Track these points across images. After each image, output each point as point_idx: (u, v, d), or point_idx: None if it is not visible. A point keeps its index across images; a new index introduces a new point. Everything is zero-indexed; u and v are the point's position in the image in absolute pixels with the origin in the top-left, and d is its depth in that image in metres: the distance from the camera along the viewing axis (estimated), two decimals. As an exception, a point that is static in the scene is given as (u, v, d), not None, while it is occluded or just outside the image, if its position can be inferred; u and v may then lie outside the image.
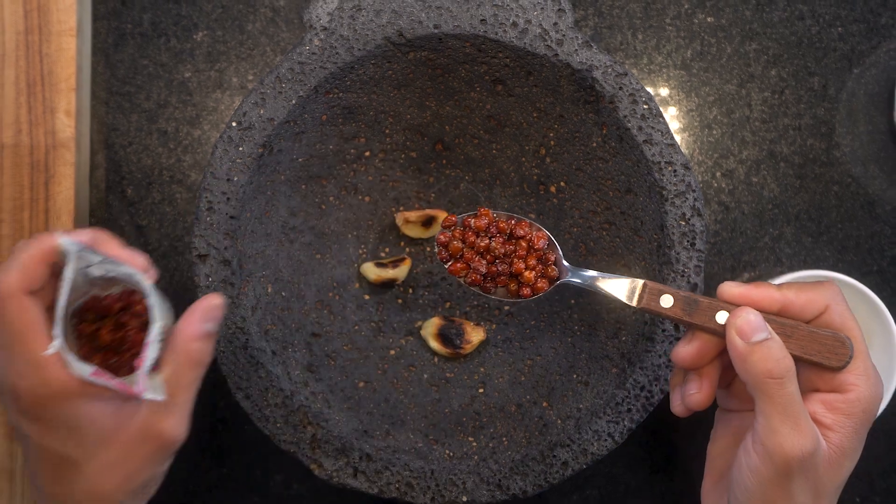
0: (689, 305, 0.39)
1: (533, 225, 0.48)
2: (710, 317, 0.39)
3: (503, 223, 0.48)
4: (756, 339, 0.37)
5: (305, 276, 0.54)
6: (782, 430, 0.36)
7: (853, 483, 0.57)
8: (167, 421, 0.39)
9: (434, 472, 0.48)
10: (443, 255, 0.49)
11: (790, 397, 0.36)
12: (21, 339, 0.36)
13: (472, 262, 0.48)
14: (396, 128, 0.55)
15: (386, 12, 0.49)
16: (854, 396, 0.37)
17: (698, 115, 0.59)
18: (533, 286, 0.47)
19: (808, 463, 0.36)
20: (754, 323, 0.37)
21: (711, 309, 0.39)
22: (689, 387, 0.41)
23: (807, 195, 0.58)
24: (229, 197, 0.48)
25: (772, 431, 0.36)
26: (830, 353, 0.37)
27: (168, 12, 0.59)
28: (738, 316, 0.37)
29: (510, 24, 0.49)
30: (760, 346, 0.36)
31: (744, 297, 0.39)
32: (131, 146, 0.58)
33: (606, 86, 0.49)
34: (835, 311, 0.38)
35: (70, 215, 0.55)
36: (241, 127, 0.48)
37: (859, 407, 0.37)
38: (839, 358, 0.37)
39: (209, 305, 0.40)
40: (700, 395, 0.40)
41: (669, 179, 0.48)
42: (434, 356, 0.56)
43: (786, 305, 0.38)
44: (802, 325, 0.38)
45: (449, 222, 0.49)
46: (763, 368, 0.36)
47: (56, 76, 0.56)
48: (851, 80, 0.59)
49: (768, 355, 0.36)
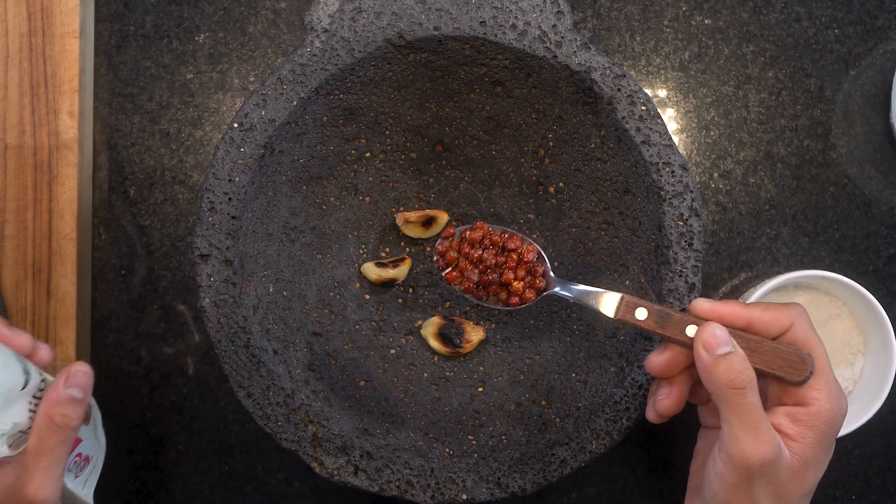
0: (661, 318, 0.42)
1: (525, 239, 0.51)
2: (680, 330, 0.41)
3: (496, 237, 0.51)
4: (720, 351, 0.39)
5: (306, 275, 0.54)
6: (743, 437, 0.38)
7: (849, 481, 0.57)
8: (30, 483, 0.39)
9: (434, 471, 0.48)
10: (440, 263, 0.52)
11: (751, 407, 0.38)
12: None
13: (465, 270, 0.51)
14: (396, 129, 0.55)
15: (386, 14, 0.49)
16: (815, 409, 0.39)
17: (696, 117, 0.59)
18: (521, 296, 0.50)
19: (769, 469, 0.38)
20: (720, 337, 0.39)
21: (682, 323, 0.41)
22: (659, 392, 0.43)
23: (803, 196, 0.58)
24: (231, 197, 0.48)
25: (734, 439, 0.38)
26: (792, 368, 0.39)
27: (170, 14, 0.58)
28: (705, 330, 0.39)
29: (509, 25, 0.49)
30: (724, 359, 0.38)
31: (713, 312, 0.41)
32: (134, 147, 0.58)
33: (605, 87, 0.49)
34: (798, 330, 0.40)
35: (73, 215, 0.55)
36: (243, 128, 0.48)
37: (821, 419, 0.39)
38: (800, 373, 0.39)
39: (75, 371, 0.41)
40: (668, 400, 0.42)
41: (667, 180, 0.48)
42: (434, 355, 0.55)
43: (752, 322, 0.40)
44: (767, 341, 0.40)
45: (447, 234, 0.53)
46: (726, 379, 0.38)
47: (59, 78, 0.56)
48: (848, 81, 0.59)
49: (731, 367, 0.38)
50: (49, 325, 0.55)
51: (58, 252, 0.55)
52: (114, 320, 0.57)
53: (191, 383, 0.57)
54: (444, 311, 0.57)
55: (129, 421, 0.57)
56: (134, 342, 0.57)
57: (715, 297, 0.58)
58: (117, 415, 0.57)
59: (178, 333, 0.57)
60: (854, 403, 0.53)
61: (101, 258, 0.58)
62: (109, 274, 0.58)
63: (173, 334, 0.57)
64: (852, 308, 0.54)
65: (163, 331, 0.57)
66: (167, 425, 0.57)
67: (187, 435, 0.57)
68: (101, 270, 0.58)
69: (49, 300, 0.55)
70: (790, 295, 0.55)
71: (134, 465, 0.57)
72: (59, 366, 0.55)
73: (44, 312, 0.55)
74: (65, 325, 0.55)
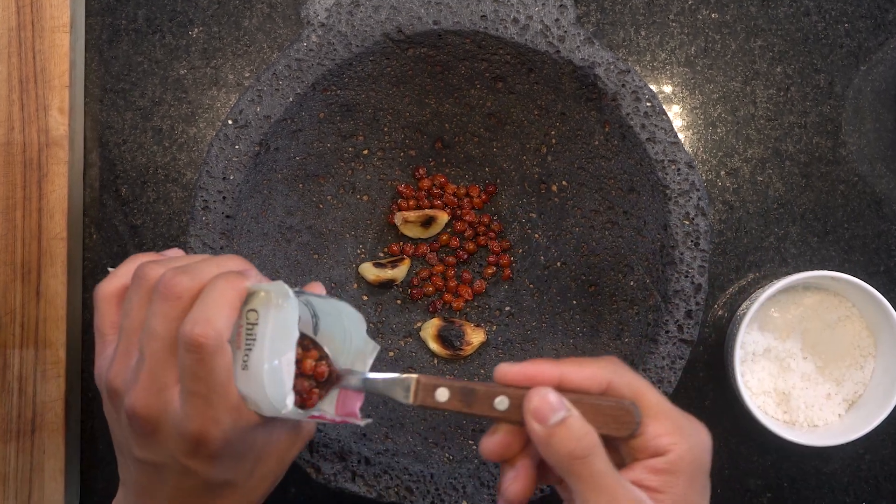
0: (465, 396, 0.37)
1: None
2: (489, 405, 0.37)
3: None
4: (554, 420, 0.34)
5: (303, 276, 0.54)
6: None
7: (859, 486, 0.57)
8: (307, 423, 0.41)
9: (434, 476, 0.48)
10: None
11: (600, 473, 0.34)
12: (223, 390, 0.35)
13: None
14: (395, 126, 0.55)
15: (384, 8, 0.49)
16: (675, 455, 0.35)
17: (702, 113, 0.59)
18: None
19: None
20: (551, 402, 0.35)
21: (489, 396, 0.37)
22: (504, 478, 0.38)
23: (812, 194, 0.58)
24: (225, 196, 0.48)
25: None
26: (617, 422, 0.35)
27: (163, 8, 0.58)
28: (532, 398, 0.35)
29: (511, 20, 0.49)
30: (559, 427, 0.34)
31: (520, 375, 0.37)
32: (126, 144, 0.58)
33: (609, 83, 0.48)
34: (619, 382, 0.36)
35: (63, 214, 0.55)
36: (238, 125, 0.48)
37: (684, 462, 0.35)
38: (626, 427, 0.35)
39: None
40: (516, 485, 0.37)
41: (673, 178, 0.48)
42: (434, 358, 0.55)
43: (563, 380, 0.36)
44: (585, 396, 0.36)
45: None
46: (565, 450, 0.34)
47: (49, 73, 0.56)
48: (858, 77, 0.59)
49: (569, 435, 0.34)
50: (38, 328, 0.55)
51: (48, 252, 0.55)
52: (105, 322, 0.57)
53: None
54: (443, 312, 0.57)
55: (121, 425, 0.56)
56: (126, 344, 0.57)
57: (722, 299, 0.58)
58: (109, 419, 0.56)
59: None
60: (864, 407, 0.53)
61: (92, 258, 0.58)
62: (101, 274, 0.58)
63: None
64: (862, 309, 0.54)
65: (155, 333, 0.57)
66: None
67: None
68: (91, 271, 0.58)
69: (39, 301, 0.55)
70: (799, 296, 0.54)
71: (126, 471, 0.56)
72: (48, 369, 0.54)
73: (33, 314, 0.55)
74: (55, 328, 0.55)
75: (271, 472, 0.40)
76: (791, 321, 0.54)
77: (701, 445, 0.37)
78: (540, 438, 0.35)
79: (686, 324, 0.48)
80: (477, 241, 0.57)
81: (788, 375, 0.53)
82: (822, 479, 0.57)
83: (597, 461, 0.34)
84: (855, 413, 0.53)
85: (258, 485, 0.39)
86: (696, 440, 0.36)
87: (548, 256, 0.55)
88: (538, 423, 0.35)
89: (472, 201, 0.57)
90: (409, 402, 0.38)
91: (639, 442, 0.36)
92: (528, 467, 0.37)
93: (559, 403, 0.35)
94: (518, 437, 0.37)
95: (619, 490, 0.34)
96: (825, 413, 0.53)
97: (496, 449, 0.37)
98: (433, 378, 0.38)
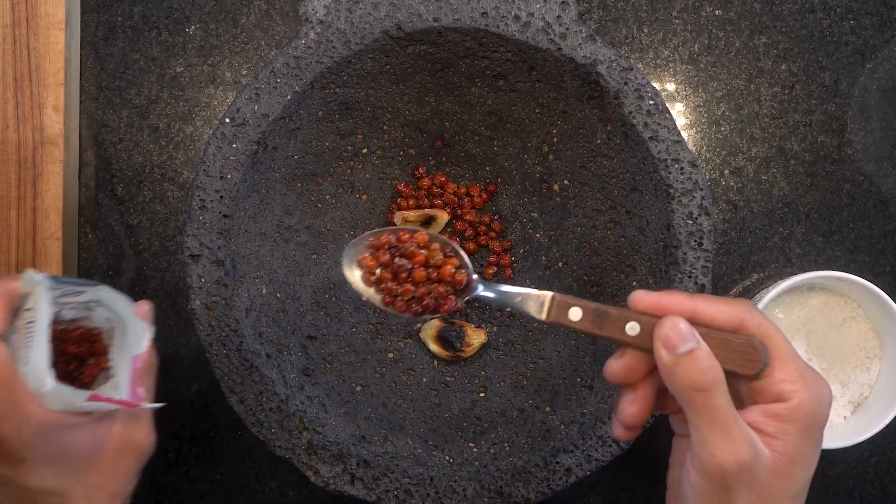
0: (598, 318, 0.38)
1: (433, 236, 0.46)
2: (620, 329, 0.38)
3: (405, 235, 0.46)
4: (682, 349, 0.35)
5: (301, 276, 0.53)
6: (713, 440, 0.35)
7: (865, 490, 0.56)
8: (141, 431, 0.42)
9: (434, 479, 0.48)
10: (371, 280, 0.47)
11: (719, 408, 0.35)
12: (7, 386, 0.37)
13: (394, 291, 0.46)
14: (395, 124, 0.55)
15: (384, 5, 0.49)
16: (796, 402, 0.36)
17: (706, 111, 0.59)
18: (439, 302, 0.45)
19: (747, 473, 0.35)
20: (682, 332, 0.36)
21: (621, 320, 0.38)
22: (622, 400, 0.39)
23: (818, 193, 0.58)
24: (222, 195, 0.48)
25: (704, 444, 0.35)
26: (743, 360, 0.36)
27: (159, 5, 0.58)
28: (664, 325, 0.36)
29: (512, 17, 0.49)
30: (686, 357, 0.35)
31: (654, 303, 0.38)
32: (122, 143, 0.58)
33: (611, 81, 0.48)
34: (750, 323, 0.37)
35: (58, 214, 0.55)
36: (235, 123, 0.48)
37: (802, 412, 0.36)
38: (753, 365, 0.36)
39: (146, 310, 0.43)
40: (633, 407, 0.39)
41: (676, 177, 0.48)
42: (434, 359, 0.55)
43: (696, 313, 0.37)
44: (715, 331, 0.37)
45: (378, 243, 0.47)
46: (689, 380, 0.35)
47: (44, 71, 0.55)
48: (864, 74, 0.59)
49: (694, 366, 0.35)
50: None
51: (42, 252, 0.55)
52: (101, 323, 0.57)
53: (180, 389, 0.57)
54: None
55: (117, 427, 0.56)
56: (122, 345, 0.57)
57: None
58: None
59: (167, 337, 0.57)
60: (870, 409, 0.53)
61: (87, 259, 0.58)
62: (96, 275, 0.58)
63: (162, 338, 0.57)
64: (868, 310, 0.54)
65: (152, 334, 0.57)
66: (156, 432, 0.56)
67: (177, 443, 0.57)
68: (87, 271, 0.58)
69: None
70: (804, 297, 0.54)
71: (122, 473, 0.56)
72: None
73: None
74: None
75: (105, 483, 0.40)
76: (796, 322, 0.54)
77: (821, 398, 0.37)
78: (666, 366, 0.36)
79: (690, 325, 0.47)
80: (477, 240, 0.57)
81: (793, 377, 0.53)
82: (828, 482, 0.56)
83: (717, 396, 0.35)
84: (860, 415, 0.53)
85: (92, 496, 0.40)
86: (818, 392, 0.36)
87: (549, 256, 0.55)
88: (667, 350, 0.36)
89: (472, 200, 0.56)
90: (543, 319, 0.40)
91: (762, 385, 0.36)
92: (647, 393, 0.39)
93: (689, 334, 0.36)
94: (643, 363, 0.38)
95: (734, 427, 0.35)
96: (831, 416, 0.53)
97: (621, 372, 0.38)
98: (568, 297, 0.40)
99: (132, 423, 0.41)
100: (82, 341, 0.43)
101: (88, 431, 0.39)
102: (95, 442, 0.40)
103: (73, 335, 0.43)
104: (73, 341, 0.43)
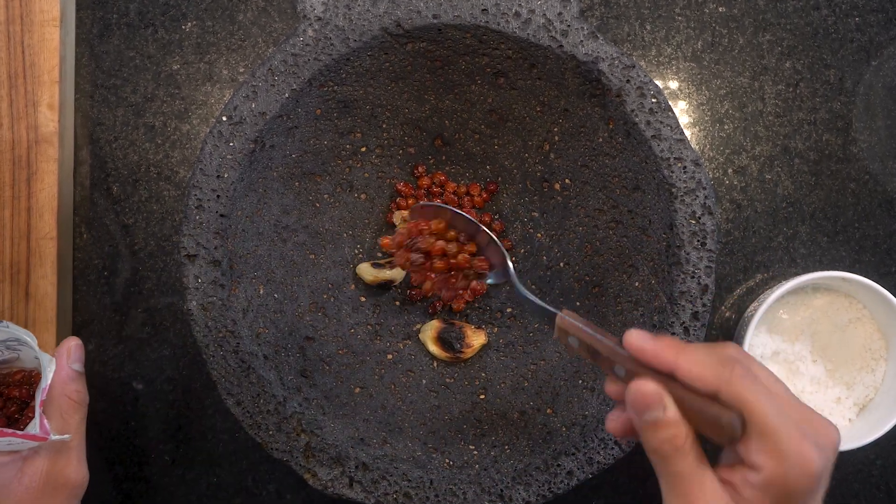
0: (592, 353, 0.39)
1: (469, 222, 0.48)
2: (609, 367, 0.39)
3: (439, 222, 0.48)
4: (647, 417, 0.36)
5: (299, 277, 0.53)
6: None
7: (870, 493, 0.56)
8: (69, 466, 0.43)
9: (433, 482, 0.48)
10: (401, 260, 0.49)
11: (681, 475, 0.35)
12: None
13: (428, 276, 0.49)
14: (394, 122, 0.55)
15: (383, 1, 0.49)
16: (762, 477, 0.35)
17: (709, 109, 0.59)
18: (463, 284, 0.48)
19: None
20: (648, 399, 0.36)
21: (610, 362, 0.39)
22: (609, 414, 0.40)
23: (822, 193, 0.58)
24: (219, 194, 0.48)
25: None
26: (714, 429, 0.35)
27: (155, 1, 0.58)
28: (632, 389, 0.36)
29: (513, 13, 0.49)
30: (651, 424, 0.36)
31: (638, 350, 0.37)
32: (117, 141, 0.58)
33: (613, 79, 0.48)
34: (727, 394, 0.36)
35: (53, 213, 0.55)
36: (232, 121, 0.48)
37: (774, 484, 0.35)
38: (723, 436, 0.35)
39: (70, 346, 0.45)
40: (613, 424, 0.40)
41: (679, 176, 0.48)
42: (433, 361, 0.55)
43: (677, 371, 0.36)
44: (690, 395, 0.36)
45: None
46: (652, 445, 0.36)
47: (38, 68, 0.55)
48: (869, 72, 0.59)
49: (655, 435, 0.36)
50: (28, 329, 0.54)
51: (37, 252, 0.55)
52: (96, 324, 0.57)
53: (177, 390, 0.57)
54: (443, 314, 0.57)
55: (112, 430, 0.57)
56: (117, 347, 0.57)
57: (730, 300, 0.58)
58: (100, 424, 0.56)
59: (163, 338, 0.57)
60: (875, 412, 0.53)
61: (82, 259, 0.58)
62: (91, 275, 0.57)
63: (158, 339, 0.57)
64: (874, 311, 0.54)
65: (147, 335, 0.57)
66: (152, 435, 0.57)
67: (173, 445, 0.57)
68: (82, 272, 0.58)
69: (28, 302, 0.55)
70: (808, 297, 0.54)
71: (117, 477, 0.57)
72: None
73: (22, 315, 0.55)
74: (44, 329, 0.55)
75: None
76: (800, 323, 0.53)
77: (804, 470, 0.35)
78: (635, 425, 0.37)
79: (692, 326, 0.47)
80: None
81: (797, 379, 0.53)
82: (832, 485, 0.56)
83: (679, 462, 0.35)
84: (866, 417, 0.53)
85: None
86: (798, 463, 0.35)
87: (550, 256, 0.55)
88: (634, 412, 0.36)
89: (472, 200, 0.56)
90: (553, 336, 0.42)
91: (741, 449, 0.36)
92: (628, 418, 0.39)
93: (657, 401, 0.36)
94: None
95: (696, 494, 0.35)
96: (835, 418, 0.53)
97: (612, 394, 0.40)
98: (569, 323, 0.41)
99: (58, 459, 0.42)
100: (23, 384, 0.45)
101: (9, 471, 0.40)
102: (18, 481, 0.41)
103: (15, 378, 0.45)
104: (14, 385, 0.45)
